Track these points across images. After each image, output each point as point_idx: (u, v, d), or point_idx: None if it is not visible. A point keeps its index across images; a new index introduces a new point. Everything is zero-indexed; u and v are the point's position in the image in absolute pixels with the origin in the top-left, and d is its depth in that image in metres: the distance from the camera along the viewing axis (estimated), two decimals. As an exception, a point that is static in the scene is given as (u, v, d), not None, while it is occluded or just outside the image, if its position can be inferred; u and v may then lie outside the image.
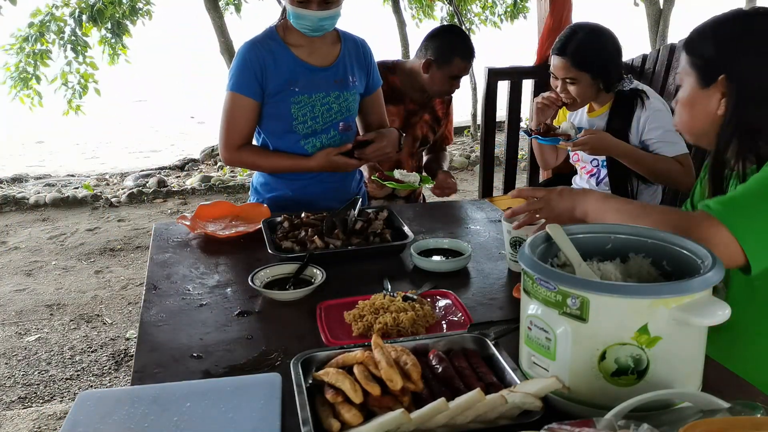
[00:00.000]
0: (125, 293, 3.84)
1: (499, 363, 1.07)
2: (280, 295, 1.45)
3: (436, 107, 2.74)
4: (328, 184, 2.16)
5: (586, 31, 2.16)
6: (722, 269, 0.96)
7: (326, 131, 2.10)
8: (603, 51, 2.17)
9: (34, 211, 5.50)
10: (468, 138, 7.92)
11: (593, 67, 2.14)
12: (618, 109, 2.20)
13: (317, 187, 2.14)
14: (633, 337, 0.91)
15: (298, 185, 2.14)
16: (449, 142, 2.89)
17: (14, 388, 2.86)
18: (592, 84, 2.17)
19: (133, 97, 12.89)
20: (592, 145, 2.10)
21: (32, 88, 5.98)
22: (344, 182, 2.22)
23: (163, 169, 7.03)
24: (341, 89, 2.07)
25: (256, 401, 1.00)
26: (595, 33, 2.17)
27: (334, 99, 2.07)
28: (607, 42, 2.18)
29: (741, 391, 1.07)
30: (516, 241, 1.54)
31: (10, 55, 5.95)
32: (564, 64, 2.15)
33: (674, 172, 2.13)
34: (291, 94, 2.02)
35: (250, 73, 1.99)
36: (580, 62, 2.13)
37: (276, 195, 2.16)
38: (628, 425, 0.77)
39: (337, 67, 2.07)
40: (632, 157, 2.12)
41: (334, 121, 2.10)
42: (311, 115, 2.06)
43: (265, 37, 2.05)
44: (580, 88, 2.17)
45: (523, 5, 8.31)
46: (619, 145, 2.11)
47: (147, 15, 6.44)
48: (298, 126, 2.06)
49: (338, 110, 2.09)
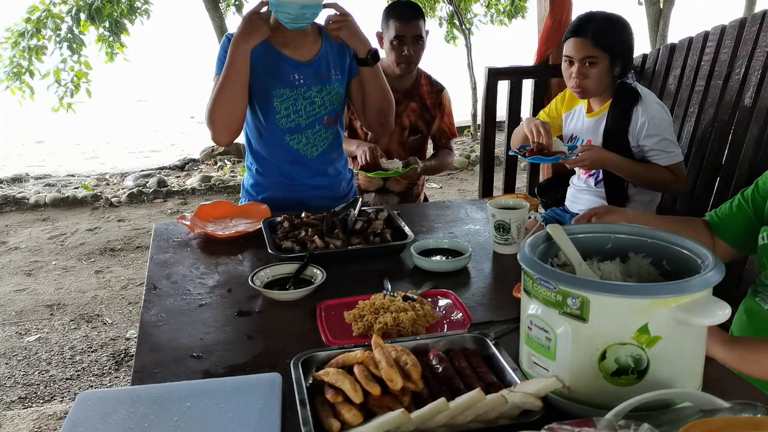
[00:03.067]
0: (125, 293, 3.84)
1: (499, 363, 1.07)
2: (280, 295, 1.45)
3: (424, 95, 2.75)
4: (319, 183, 2.18)
5: (604, 15, 2.16)
6: (722, 269, 0.96)
7: (311, 125, 2.10)
8: (623, 33, 2.17)
9: (34, 211, 5.50)
10: (468, 138, 7.92)
11: (613, 49, 2.12)
12: (619, 106, 2.19)
13: (308, 188, 2.16)
14: (633, 337, 0.91)
15: (288, 186, 2.15)
16: (452, 136, 2.89)
17: (14, 388, 2.86)
18: (609, 69, 2.15)
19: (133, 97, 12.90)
20: (591, 161, 2.12)
21: (25, 82, 5.96)
22: (335, 181, 2.23)
23: (163, 169, 7.03)
24: (324, 83, 2.08)
25: (256, 401, 1.00)
26: (613, 17, 2.17)
27: (316, 93, 2.08)
28: (626, 25, 2.19)
29: (741, 391, 1.07)
30: (500, 225, 1.69)
31: (5, 48, 5.95)
32: (584, 43, 2.12)
33: (667, 182, 2.17)
34: (273, 87, 2.04)
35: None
36: (600, 41, 2.10)
37: (267, 196, 2.16)
38: (629, 425, 0.77)
39: (319, 62, 2.08)
40: (628, 170, 2.16)
41: (318, 115, 2.10)
42: (294, 109, 2.07)
43: None
44: (598, 70, 2.13)
45: (521, 5, 8.31)
46: (615, 160, 2.14)
47: (145, 14, 6.44)
48: (282, 120, 2.07)
49: (321, 104, 2.09)
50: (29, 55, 5.92)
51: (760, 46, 2.28)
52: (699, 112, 2.51)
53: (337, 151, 2.23)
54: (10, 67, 5.91)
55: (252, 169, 2.21)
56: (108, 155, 8.33)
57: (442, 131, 2.85)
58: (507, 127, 3.37)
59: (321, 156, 2.16)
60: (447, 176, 6.38)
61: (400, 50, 2.57)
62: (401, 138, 2.75)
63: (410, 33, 2.55)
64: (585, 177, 2.37)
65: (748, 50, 2.32)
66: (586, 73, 2.15)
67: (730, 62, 2.40)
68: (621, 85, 2.22)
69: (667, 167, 2.15)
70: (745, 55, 2.33)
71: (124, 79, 11.98)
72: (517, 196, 2.12)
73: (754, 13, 2.36)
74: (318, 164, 2.16)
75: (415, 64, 2.65)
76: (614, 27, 2.16)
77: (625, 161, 2.15)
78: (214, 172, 6.72)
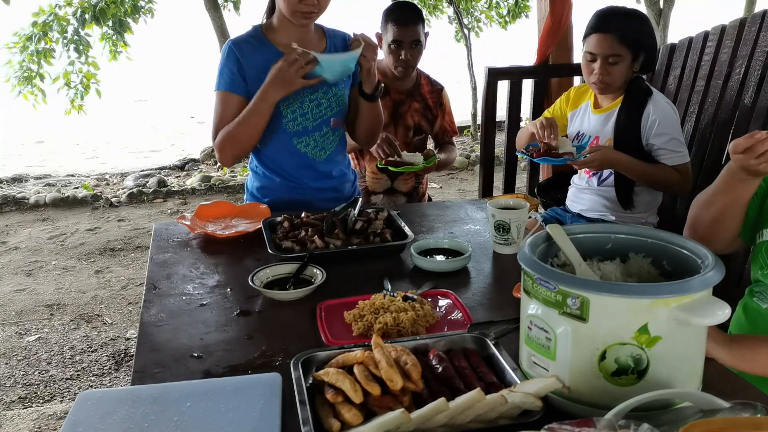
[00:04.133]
0: (125, 293, 3.84)
1: (499, 363, 1.07)
2: (280, 295, 1.45)
3: (425, 95, 2.75)
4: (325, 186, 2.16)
5: (626, 10, 2.14)
6: (722, 269, 0.96)
7: (318, 128, 2.09)
8: (647, 27, 2.16)
9: (34, 211, 5.50)
10: (468, 138, 7.91)
11: (637, 45, 2.11)
12: (630, 104, 2.17)
13: (314, 191, 2.15)
14: (633, 337, 0.91)
15: (294, 188, 2.14)
16: (453, 134, 2.89)
17: (14, 388, 2.86)
18: (630, 66, 2.14)
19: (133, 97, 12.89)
20: (600, 162, 2.09)
21: (36, 86, 5.98)
22: (340, 184, 2.22)
23: (163, 169, 7.03)
24: (329, 84, 2.06)
25: (256, 401, 1.00)
26: (635, 12, 2.16)
27: (322, 94, 2.06)
28: (647, 20, 2.17)
29: (741, 391, 1.07)
30: (500, 225, 1.68)
31: (14, 53, 5.96)
32: (608, 40, 2.09)
33: (674, 182, 2.14)
34: None
35: (234, 71, 1.98)
36: (626, 38, 2.08)
37: (273, 199, 2.13)
38: (629, 425, 0.77)
39: None
40: (636, 170, 2.12)
41: (325, 117, 2.09)
42: (300, 112, 2.05)
43: (248, 36, 2.04)
44: (621, 68, 2.12)
45: (524, 4, 8.30)
46: (624, 160, 2.11)
47: (149, 13, 6.44)
48: (288, 123, 2.05)
49: (328, 105, 2.08)
50: (38, 59, 5.93)
51: (760, 46, 2.28)
52: (699, 112, 2.51)
53: (342, 153, 2.23)
54: (20, 72, 5.92)
55: (258, 172, 2.17)
56: (108, 155, 8.33)
57: (444, 130, 2.86)
58: (507, 127, 3.37)
59: (328, 159, 2.15)
60: (447, 176, 6.38)
61: (397, 54, 2.58)
62: (406, 138, 2.75)
63: (408, 38, 2.55)
64: (588, 176, 2.36)
65: (748, 50, 2.32)
66: (610, 70, 2.12)
67: (730, 62, 2.40)
68: (635, 80, 2.19)
69: (674, 167, 2.12)
70: (745, 55, 2.33)
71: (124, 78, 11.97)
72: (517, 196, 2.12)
73: (754, 13, 2.36)
74: (325, 167, 2.15)
75: (413, 68, 2.66)
76: (638, 22, 2.14)
77: (635, 162, 2.12)
78: (214, 172, 6.72)
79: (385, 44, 2.61)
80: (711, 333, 1.17)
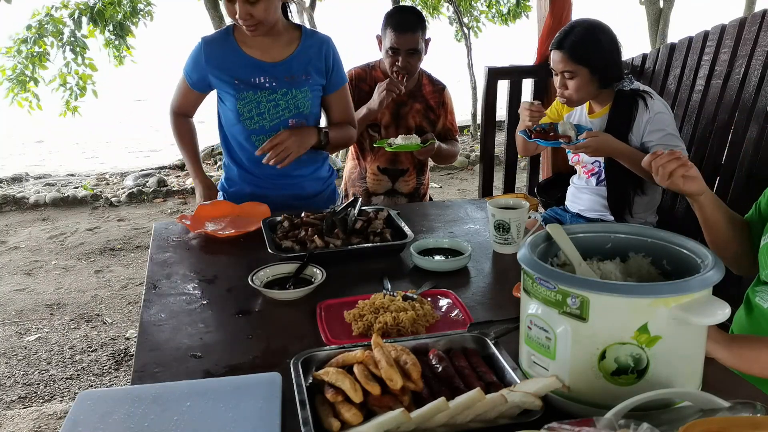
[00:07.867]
0: (125, 293, 3.84)
1: (499, 362, 1.07)
2: (280, 294, 1.45)
3: (427, 95, 2.74)
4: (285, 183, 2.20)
5: (584, 26, 2.16)
6: (722, 269, 0.96)
7: (275, 128, 2.10)
8: (600, 45, 2.16)
9: (34, 211, 5.50)
10: (468, 137, 7.91)
11: (591, 62, 2.13)
12: (618, 110, 2.19)
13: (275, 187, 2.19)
14: (633, 337, 0.91)
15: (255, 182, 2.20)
16: (455, 133, 2.89)
17: (14, 388, 2.86)
18: (591, 80, 2.16)
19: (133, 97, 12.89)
20: (595, 148, 2.09)
21: (30, 90, 5.95)
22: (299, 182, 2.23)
23: (163, 168, 7.03)
24: (290, 86, 2.08)
25: (256, 401, 1.00)
26: (593, 28, 2.17)
27: (281, 96, 2.08)
28: (605, 37, 2.18)
29: (741, 391, 1.07)
30: (499, 224, 1.70)
31: (8, 58, 5.93)
32: (562, 57, 2.15)
33: None
34: (236, 89, 2.07)
35: (194, 65, 2.13)
36: (577, 55, 2.12)
37: (236, 190, 2.23)
38: (628, 424, 0.77)
39: (289, 64, 2.08)
40: (633, 159, 2.12)
41: (283, 119, 2.11)
42: (257, 111, 2.09)
43: (218, 35, 2.14)
44: (577, 82, 2.16)
45: (525, 4, 8.30)
46: (621, 147, 2.10)
47: (148, 16, 6.44)
48: (246, 121, 2.11)
49: (286, 107, 2.10)
50: (32, 63, 5.90)
51: (760, 45, 2.28)
52: (699, 112, 2.51)
53: (306, 154, 2.14)
54: (14, 77, 5.88)
55: (225, 163, 2.29)
56: (108, 155, 8.33)
57: (447, 129, 2.85)
58: (507, 126, 3.37)
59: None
60: (447, 176, 6.38)
61: (394, 61, 2.56)
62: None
63: (405, 46, 2.51)
64: (586, 176, 2.36)
65: (748, 50, 2.32)
66: (567, 85, 2.18)
67: (730, 62, 2.40)
68: (618, 93, 2.21)
69: None
70: (745, 54, 2.33)
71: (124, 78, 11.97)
72: (517, 196, 2.13)
73: (754, 12, 2.36)
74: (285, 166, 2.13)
75: (411, 74, 2.62)
76: (592, 38, 2.15)
77: (632, 149, 2.11)
78: (214, 171, 6.72)
79: (384, 49, 2.60)
80: (711, 333, 1.18)
